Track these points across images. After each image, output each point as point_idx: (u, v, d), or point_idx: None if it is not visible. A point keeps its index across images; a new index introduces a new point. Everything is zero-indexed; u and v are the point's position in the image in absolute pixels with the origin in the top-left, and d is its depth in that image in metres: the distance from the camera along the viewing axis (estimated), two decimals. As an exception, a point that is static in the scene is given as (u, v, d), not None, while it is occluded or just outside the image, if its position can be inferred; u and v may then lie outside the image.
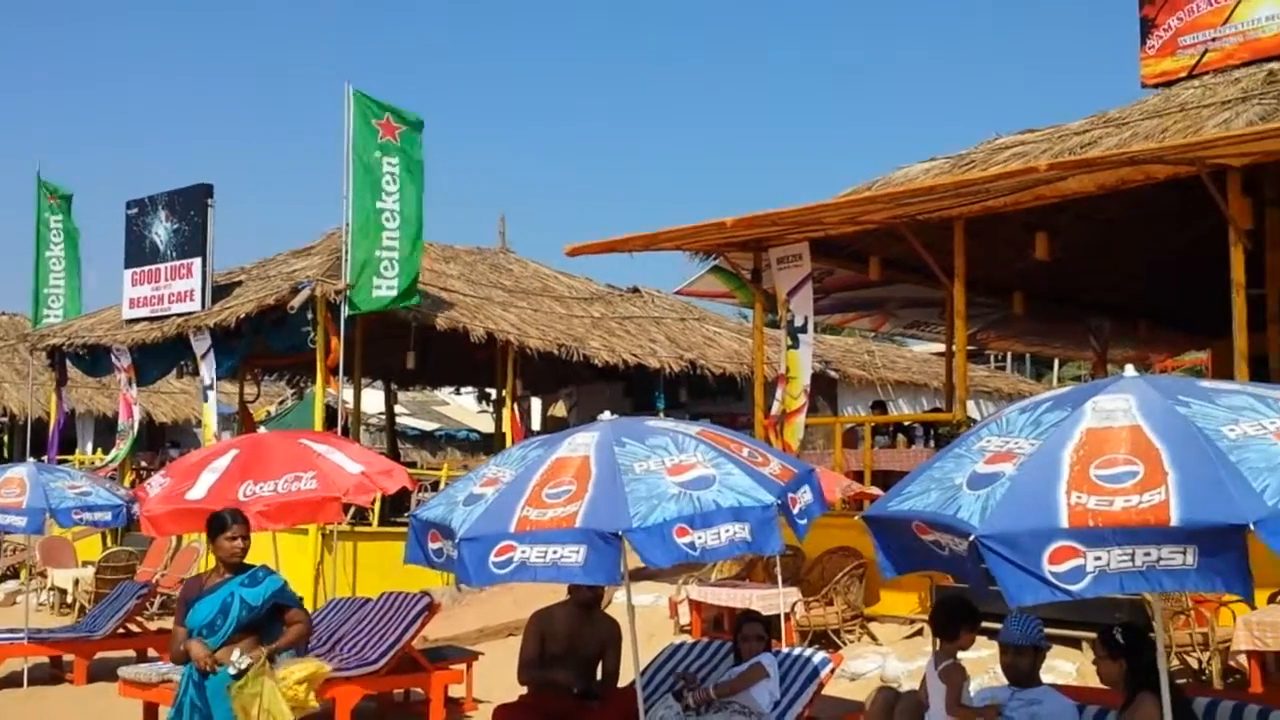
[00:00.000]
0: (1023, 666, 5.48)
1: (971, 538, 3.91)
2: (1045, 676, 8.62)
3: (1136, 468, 3.91)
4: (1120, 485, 3.89)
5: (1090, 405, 4.25)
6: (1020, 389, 26.41)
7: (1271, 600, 9.35)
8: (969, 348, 22.73)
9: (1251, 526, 3.57)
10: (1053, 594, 3.75)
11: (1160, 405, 4.12)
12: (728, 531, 5.33)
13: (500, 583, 5.44)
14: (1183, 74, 13.94)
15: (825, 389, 22.63)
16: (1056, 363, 32.34)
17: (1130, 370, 4.56)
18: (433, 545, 5.74)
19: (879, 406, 20.18)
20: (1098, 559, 3.73)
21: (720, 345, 21.74)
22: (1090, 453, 4.05)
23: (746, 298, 15.69)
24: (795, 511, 5.68)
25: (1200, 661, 9.27)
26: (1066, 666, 9.35)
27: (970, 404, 16.33)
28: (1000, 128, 14.27)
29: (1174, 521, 3.69)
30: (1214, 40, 13.72)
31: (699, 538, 5.26)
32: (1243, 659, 8.77)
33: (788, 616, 11.06)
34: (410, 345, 18.31)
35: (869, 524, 4.56)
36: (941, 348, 20.90)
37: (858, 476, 13.22)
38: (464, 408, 38.10)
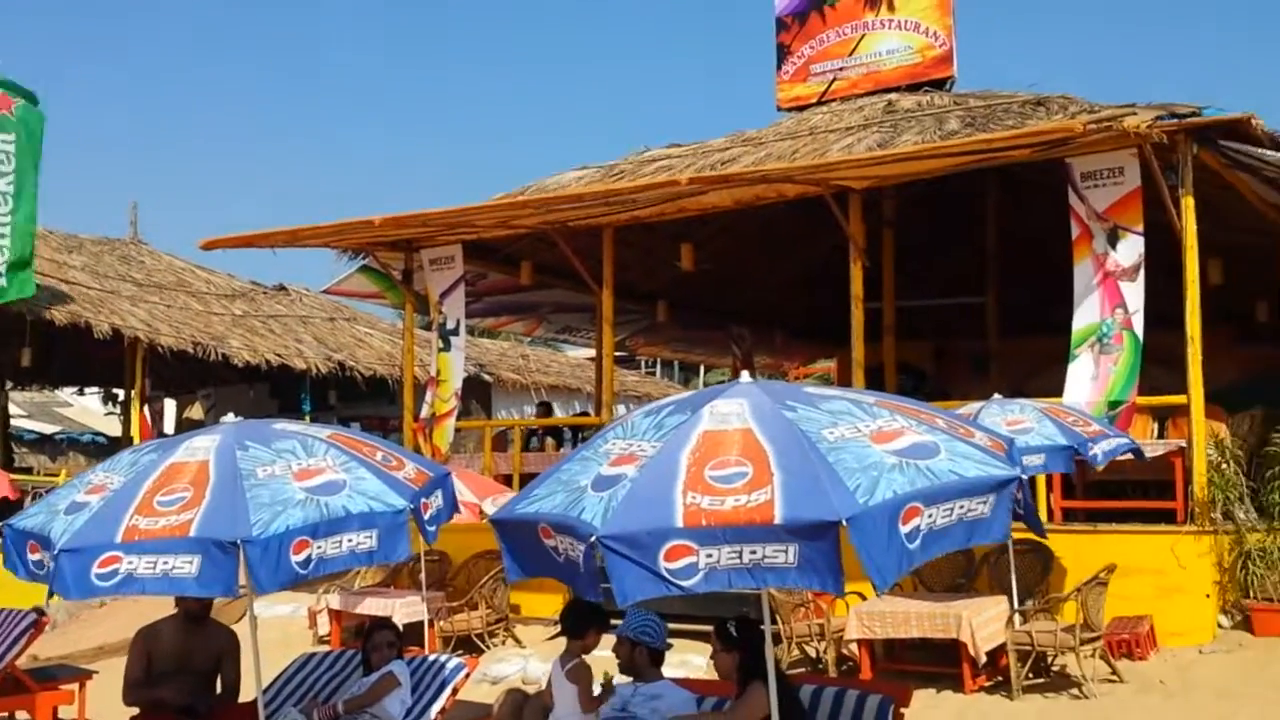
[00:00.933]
0: (625, 658, 5.64)
1: (593, 538, 3.96)
2: (678, 670, 8.98)
3: (746, 469, 4.08)
4: (731, 485, 4.05)
5: (708, 409, 4.41)
6: (669, 393, 27.38)
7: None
8: (619, 353, 23.42)
9: (844, 523, 3.80)
10: (667, 589, 3.86)
11: (770, 409, 4.33)
12: (350, 541, 5.16)
13: (103, 595, 5.05)
14: (814, 99, 14.92)
15: (479, 392, 22.62)
16: (703, 369, 33.83)
17: (745, 376, 4.77)
18: (32, 557, 5.25)
19: (544, 408, 20.37)
20: (709, 556, 3.86)
21: (371, 347, 21.29)
22: (706, 455, 4.19)
23: (397, 298, 15.43)
24: (427, 516, 5.58)
25: (817, 651, 9.88)
26: (698, 660, 9.73)
27: (621, 408, 16.75)
28: (682, 138, 14.75)
29: (777, 519, 3.87)
30: (841, 70, 14.77)
31: (319, 549, 5.06)
32: (854, 647, 9.44)
33: (431, 622, 10.92)
34: (25, 341, 16.80)
35: (496, 527, 4.54)
36: (594, 352, 21.38)
37: (506, 480, 13.25)
38: (88, 409, 35.50)
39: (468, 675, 6.91)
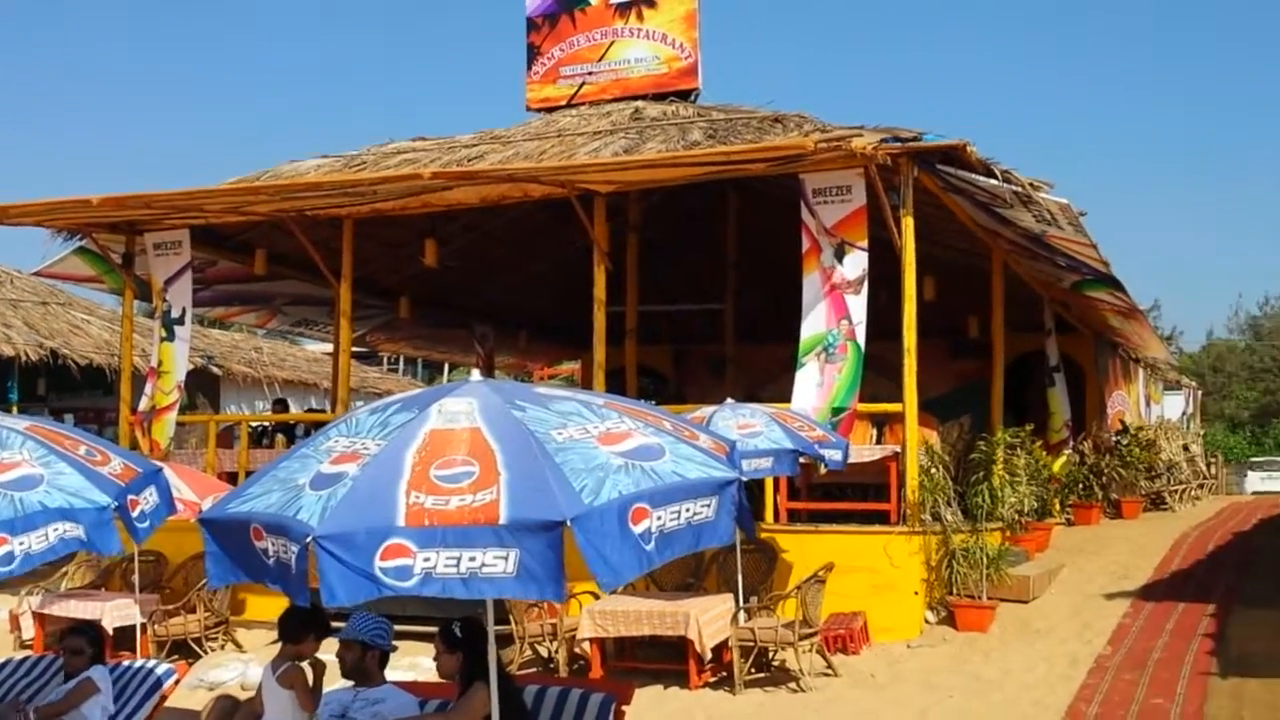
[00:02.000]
0: (354, 662, 5.50)
1: (309, 539, 3.81)
2: (408, 674, 8.81)
3: (473, 468, 4.02)
4: (457, 485, 3.97)
5: (436, 408, 4.31)
6: (410, 391, 26.94)
7: (614, 591, 10.24)
8: (360, 349, 22.87)
9: (569, 523, 3.79)
10: (379, 591, 3.73)
11: (499, 408, 4.28)
12: (56, 531, 4.86)
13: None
14: (563, 102, 14.98)
15: (207, 386, 21.60)
16: (447, 367, 33.46)
17: (476, 374, 4.71)
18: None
19: (280, 404, 19.60)
20: (426, 560, 3.77)
21: (89, 334, 19.96)
22: (432, 453, 4.10)
23: (116, 283, 14.52)
24: (135, 514, 5.26)
25: (550, 651, 9.89)
26: (429, 663, 9.55)
27: (360, 405, 16.32)
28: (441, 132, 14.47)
29: (502, 519, 3.82)
30: (590, 74, 14.90)
31: (21, 545, 4.72)
32: (587, 646, 9.50)
33: (144, 627, 10.33)
34: None
35: (204, 527, 4.29)
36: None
37: (231, 478, 12.69)
38: None
39: (178, 681, 6.57)
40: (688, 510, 4.24)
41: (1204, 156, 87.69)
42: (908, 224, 10.93)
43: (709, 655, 9.11)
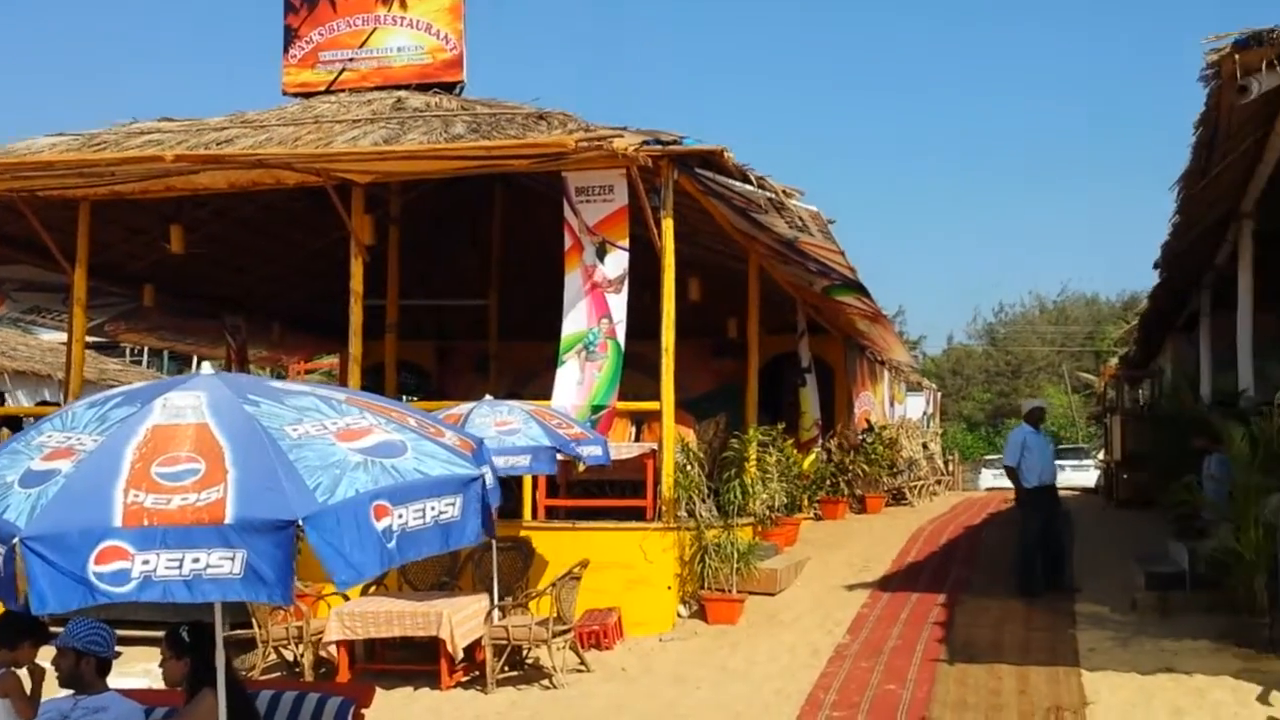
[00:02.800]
0: (69, 670, 5.17)
1: (15, 540, 3.54)
2: (140, 680, 8.34)
3: (199, 465, 3.82)
4: (180, 483, 3.76)
5: (161, 402, 4.09)
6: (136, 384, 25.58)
7: (364, 592, 10.00)
8: (101, 339, 21.58)
9: (301, 522, 3.66)
10: (94, 597, 3.50)
11: (230, 403, 4.09)
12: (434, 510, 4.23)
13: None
14: (322, 88, 14.53)
15: (-75, 376, 19.97)
16: (196, 359, 31.95)
17: (207, 367, 4.50)
18: None
19: (-1, 397, 18.29)
20: (145, 562, 3.56)
21: None
22: (154, 450, 3.88)
23: None
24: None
25: (296, 654, 9.58)
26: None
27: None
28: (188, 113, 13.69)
29: (228, 519, 3.65)
30: (351, 61, 14.50)
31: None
32: (334, 649, 9.25)
33: None
34: None
35: (-104, 530, 3.93)
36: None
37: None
38: None
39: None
40: (433, 509, 4.16)
41: (947, 173, 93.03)
42: (667, 225, 11.13)
43: (461, 655, 9.02)
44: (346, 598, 9.56)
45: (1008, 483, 12.56)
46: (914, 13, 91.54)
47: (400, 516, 4.00)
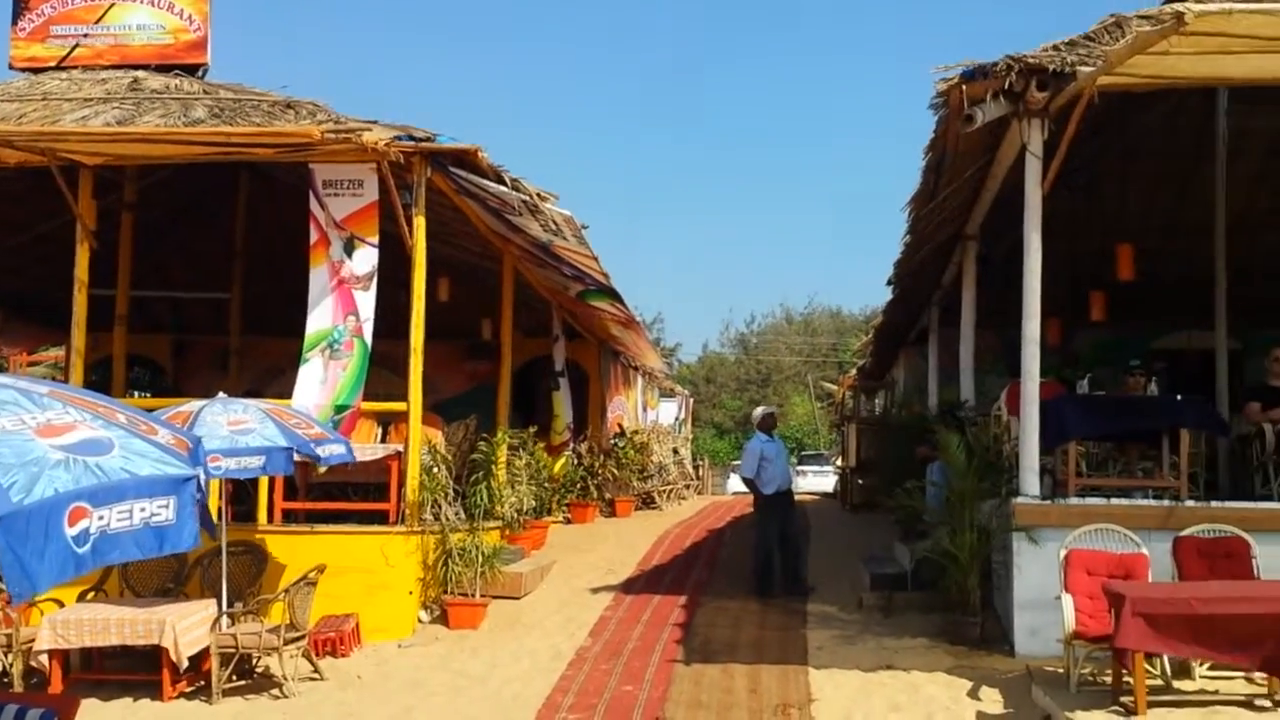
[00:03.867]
0: None
1: None
2: None
3: None
4: None
5: None
6: None
7: (81, 598, 9.41)
8: None
9: (-5, 521, 3.39)
10: None
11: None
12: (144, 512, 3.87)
13: None
14: (52, 63, 13.59)
15: None
16: (-96, 349, 29.37)
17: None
18: None
19: None
20: None
21: None
22: None
23: None
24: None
25: (4, 664, 8.92)
26: None
27: None
28: None
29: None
30: (86, 37, 13.63)
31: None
32: (45, 659, 8.65)
33: None
34: None
35: None
36: None
37: None
38: None
39: None
40: (142, 510, 3.94)
41: (704, 187, 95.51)
42: (419, 223, 10.95)
43: (185, 664, 8.58)
44: (60, 604, 8.98)
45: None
46: (677, 26, 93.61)
47: (101, 518, 3.78)
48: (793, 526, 12.43)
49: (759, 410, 13.56)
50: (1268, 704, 7.09)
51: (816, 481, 32.50)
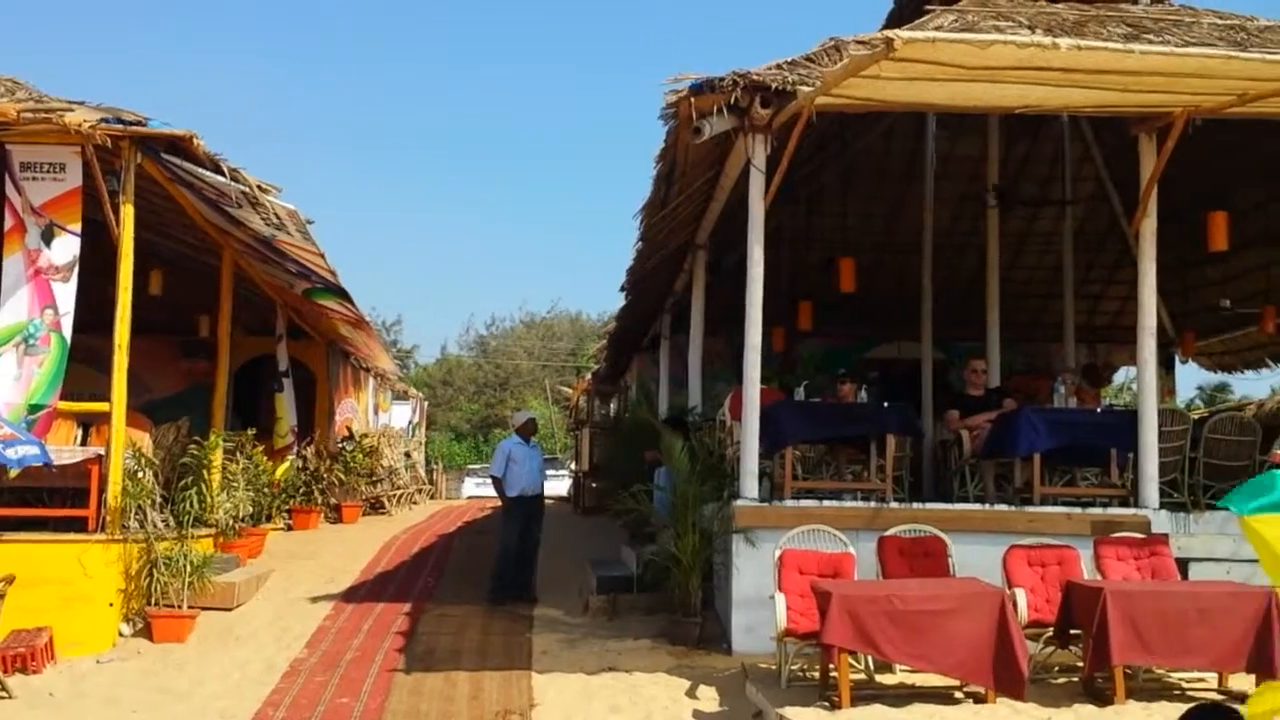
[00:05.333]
0: None
1: None
2: None
3: None
4: None
5: None
6: None
7: None
8: None
9: None
10: None
11: None
12: None
13: None
14: None
15: None
16: None
17: None
18: None
19: None
20: None
21: None
22: None
23: None
24: None
25: None
26: None
27: None
28: None
29: None
30: None
31: None
32: None
33: None
34: None
35: None
36: None
37: None
38: None
39: None
40: None
41: (449, 191, 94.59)
42: (127, 211, 10.30)
43: None
44: None
45: (489, 491, 12.78)
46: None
47: None
48: (534, 533, 12.29)
49: (519, 415, 13.56)
50: (961, 695, 7.53)
51: (551, 485, 32.61)
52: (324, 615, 10.92)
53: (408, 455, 23.24)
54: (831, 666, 7.41)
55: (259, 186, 10.47)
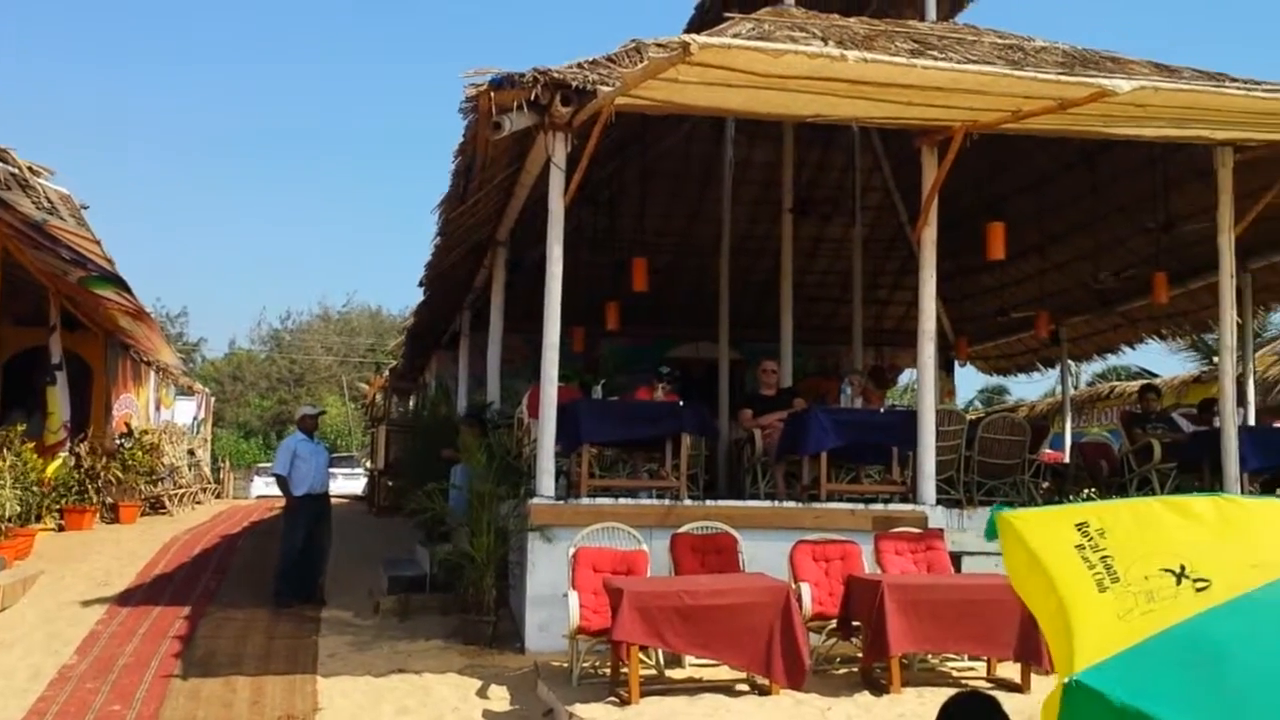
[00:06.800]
0: None
1: None
2: None
3: None
4: None
5: None
6: None
7: None
8: None
9: None
10: None
11: None
12: None
13: None
14: None
15: None
16: None
17: None
18: None
19: None
20: None
21: None
22: None
23: None
24: None
25: None
26: None
27: None
28: None
29: None
30: None
31: None
32: None
33: None
34: None
35: None
36: None
37: None
38: None
39: None
40: None
41: (242, 181, 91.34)
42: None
43: None
44: None
45: (278, 490, 12.36)
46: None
47: None
48: (320, 532, 11.94)
49: (302, 409, 13.17)
50: (746, 688, 7.69)
51: (347, 484, 31.90)
52: (96, 619, 10.36)
53: (191, 453, 22.29)
54: (622, 663, 7.46)
55: (29, 168, 9.86)
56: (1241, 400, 13.88)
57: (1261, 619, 2.27)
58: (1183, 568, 2.39)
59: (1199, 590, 2.34)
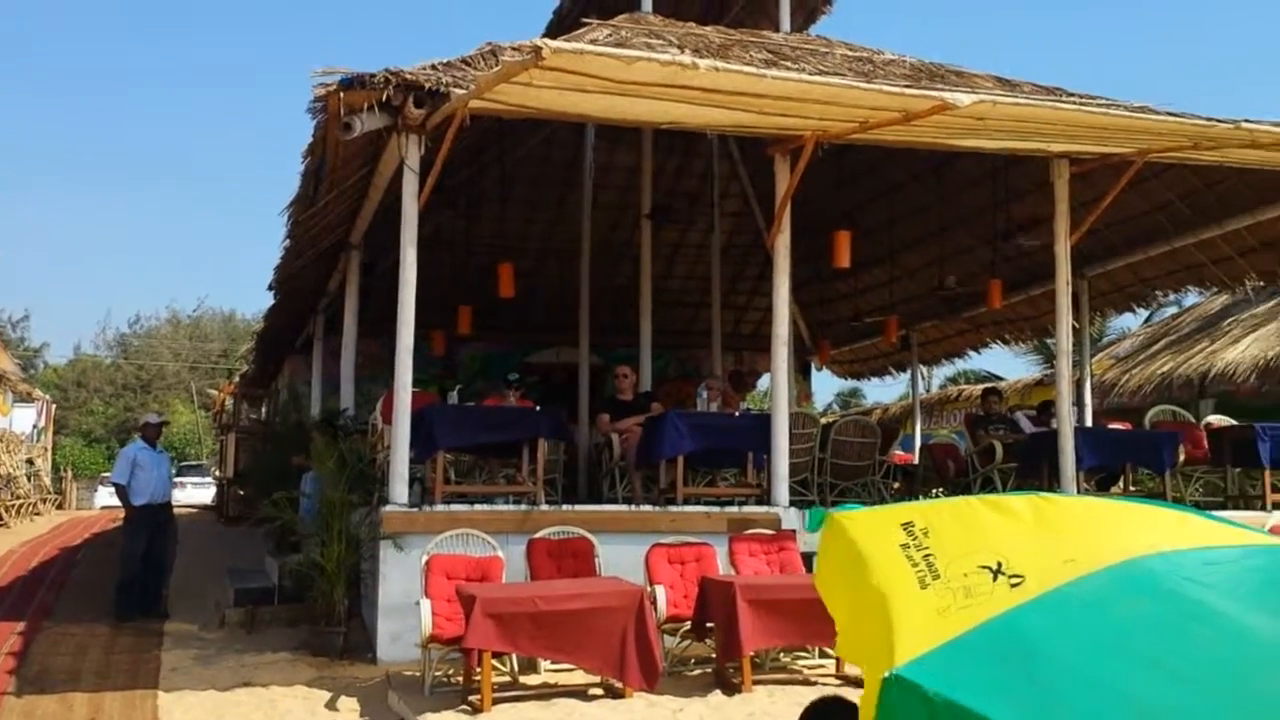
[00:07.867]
0: None
1: None
2: None
3: None
4: None
5: None
6: None
7: None
8: None
9: None
10: None
11: None
12: None
13: None
14: None
15: None
16: None
17: None
18: None
19: None
20: None
21: None
22: None
23: None
24: None
25: None
26: None
27: None
28: None
29: None
30: None
31: None
32: None
33: None
34: None
35: None
36: None
37: None
38: None
39: None
40: None
41: (87, 177, 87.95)
42: None
43: None
44: None
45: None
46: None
47: None
48: (162, 543, 11.55)
49: (145, 417, 12.78)
50: (600, 692, 7.70)
51: (196, 493, 30.96)
52: (-78, 638, 9.85)
53: (30, 462, 21.35)
54: (475, 670, 7.39)
55: None
56: (1079, 402, 14.49)
57: (1071, 612, 2.36)
58: (999, 564, 2.48)
59: (1014, 586, 2.42)
